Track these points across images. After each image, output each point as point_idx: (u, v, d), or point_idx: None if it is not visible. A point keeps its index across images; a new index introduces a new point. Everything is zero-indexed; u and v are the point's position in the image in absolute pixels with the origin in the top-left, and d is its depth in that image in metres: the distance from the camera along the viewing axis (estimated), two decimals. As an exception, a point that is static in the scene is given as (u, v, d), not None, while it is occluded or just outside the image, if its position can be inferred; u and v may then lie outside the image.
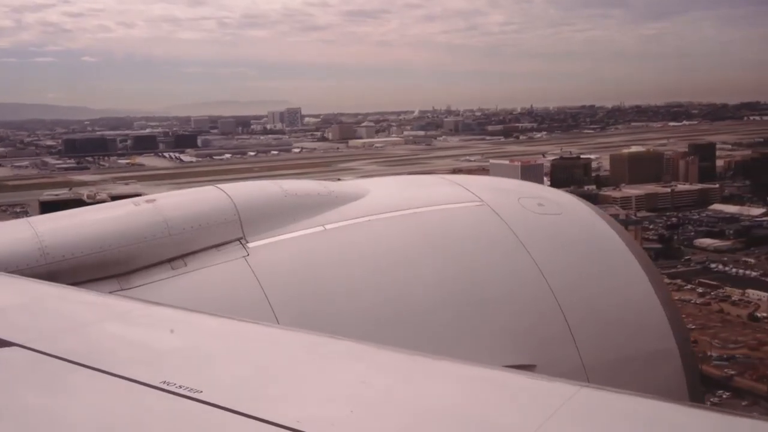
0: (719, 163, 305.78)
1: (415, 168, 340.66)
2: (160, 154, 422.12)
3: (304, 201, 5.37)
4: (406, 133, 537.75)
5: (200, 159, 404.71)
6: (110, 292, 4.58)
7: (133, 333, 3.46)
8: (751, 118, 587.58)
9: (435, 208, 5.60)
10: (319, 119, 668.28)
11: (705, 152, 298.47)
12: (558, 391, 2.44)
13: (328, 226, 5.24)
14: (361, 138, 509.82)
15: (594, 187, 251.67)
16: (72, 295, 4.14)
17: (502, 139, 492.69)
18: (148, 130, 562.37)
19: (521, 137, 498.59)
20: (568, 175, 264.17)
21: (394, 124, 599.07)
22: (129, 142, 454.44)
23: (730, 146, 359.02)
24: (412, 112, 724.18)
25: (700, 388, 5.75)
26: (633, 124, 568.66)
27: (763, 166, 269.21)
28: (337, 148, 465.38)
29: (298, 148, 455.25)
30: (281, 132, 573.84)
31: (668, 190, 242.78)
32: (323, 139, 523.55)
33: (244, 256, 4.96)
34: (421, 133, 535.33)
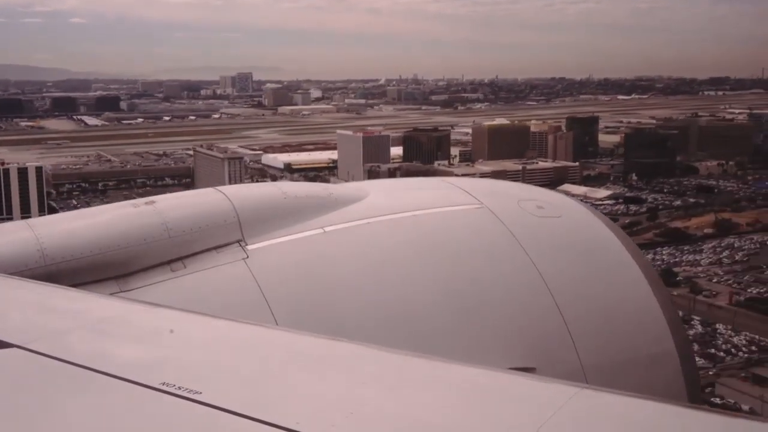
0: (615, 138, 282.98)
1: (321, 136, 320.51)
2: (73, 117, 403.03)
3: (303, 203, 5.22)
4: (347, 101, 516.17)
5: (107, 123, 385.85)
6: (109, 294, 4.51)
7: (132, 334, 3.41)
8: (706, 93, 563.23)
9: (434, 210, 5.46)
10: (281, 85, 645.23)
11: (586, 127, 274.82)
12: (557, 392, 2.42)
13: (327, 229, 5.10)
14: (296, 104, 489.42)
15: (446, 162, 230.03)
16: (71, 297, 4.06)
17: (438, 109, 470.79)
18: (98, 93, 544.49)
19: (460, 107, 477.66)
20: (421, 148, 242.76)
21: (348, 91, 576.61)
22: (46, 103, 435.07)
23: (654, 122, 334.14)
24: (379, 80, 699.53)
25: (699, 390, 5.65)
26: (582, 96, 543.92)
27: (635, 143, 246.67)
28: (262, 114, 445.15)
29: (218, 114, 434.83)
30: (226, 97, 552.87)
31: (519, 167, 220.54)
32: (259, 105, 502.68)
33: (243, 258, 4.83)
34: (362, 101, 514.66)
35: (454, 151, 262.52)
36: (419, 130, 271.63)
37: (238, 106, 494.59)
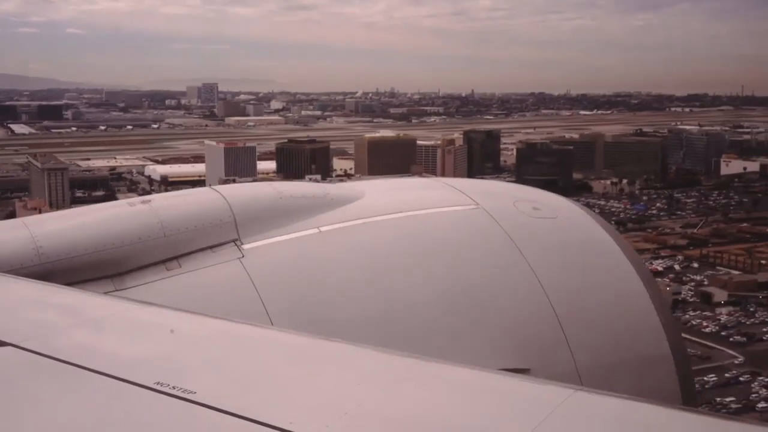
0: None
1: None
2: (2, 124, 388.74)
3: (299, 203, 5.15)
4: (304, 112, 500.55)
5: (37, 132, 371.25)
6: (104, 293, 4.44)
7: (126, 333, 3.36)
8: (672, 109, 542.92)
9: (430, 211, 5.39)
10: (255, 97, 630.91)
11: (486, 141, 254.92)
12: (551, 394, 2.39)
13: (323, 228, 5.04)
14: (248, 115, 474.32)
15: (318, 177, 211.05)
16: (66, 296, 4.00)
17: (390, 122, 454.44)
18: (63, 101, 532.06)
19: (414, 120, 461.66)
20: (295, 160, 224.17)
21: (308, 104, 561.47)
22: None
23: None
24: (356, 93, 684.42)
25: (694, 393, 5.66)
26: (543, 111, 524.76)
27: (527, 159, 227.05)
28: (206, 125, 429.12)
29: (157, 124, 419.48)
30: (187, 108, 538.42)
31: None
32: (212, 115, 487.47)
33: (239, 258, 4.77)
34: (318, 113, 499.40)
35: (348, 164, 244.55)
36: (294, 141, 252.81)
37: (193, 117, 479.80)
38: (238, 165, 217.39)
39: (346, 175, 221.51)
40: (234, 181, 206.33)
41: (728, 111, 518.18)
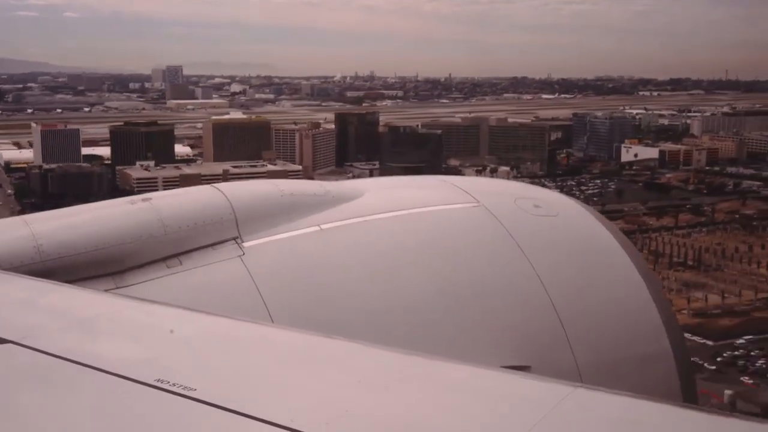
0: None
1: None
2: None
3: (300, 201, 5.08)
4: (257, 95, 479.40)
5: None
6: (105, 290, 4.39)
7: (127, 331, 3.33)
8: (641, 93, 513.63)
9: (431, 209, 5.32)
10: (230, 81, 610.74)
11: (360, 126, 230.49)
12: (552, 391, 2.35)
13: (324, 226, 4.96)
14: (197, 98, 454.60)
15: (152, 163, 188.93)
16: (66, 293, 3.95)
17: (338, 105, 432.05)
18: (19, 85, 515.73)
19: (364, 104, 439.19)
20: (131, 145, 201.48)
21: (264, 87, 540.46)
22: None
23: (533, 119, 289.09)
24: (334, 76, 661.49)
25: (694, 390, 5.61)
26: (505, 95, 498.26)
27: (391, 145, 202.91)
28: (142, 109, 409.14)
29: (88, 108, 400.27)
30: (144, 91, 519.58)
31: (221, 170, 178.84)
32: (161, 98, 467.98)
33: (239, 256, 4.70)
34: (272, 96, 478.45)
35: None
36: (131, 124, 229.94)
37: (136, 101, 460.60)
38: (59, 150, 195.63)
39: (185, 161, 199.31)
40: (40, 169, 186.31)
41: (697, 95, 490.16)
